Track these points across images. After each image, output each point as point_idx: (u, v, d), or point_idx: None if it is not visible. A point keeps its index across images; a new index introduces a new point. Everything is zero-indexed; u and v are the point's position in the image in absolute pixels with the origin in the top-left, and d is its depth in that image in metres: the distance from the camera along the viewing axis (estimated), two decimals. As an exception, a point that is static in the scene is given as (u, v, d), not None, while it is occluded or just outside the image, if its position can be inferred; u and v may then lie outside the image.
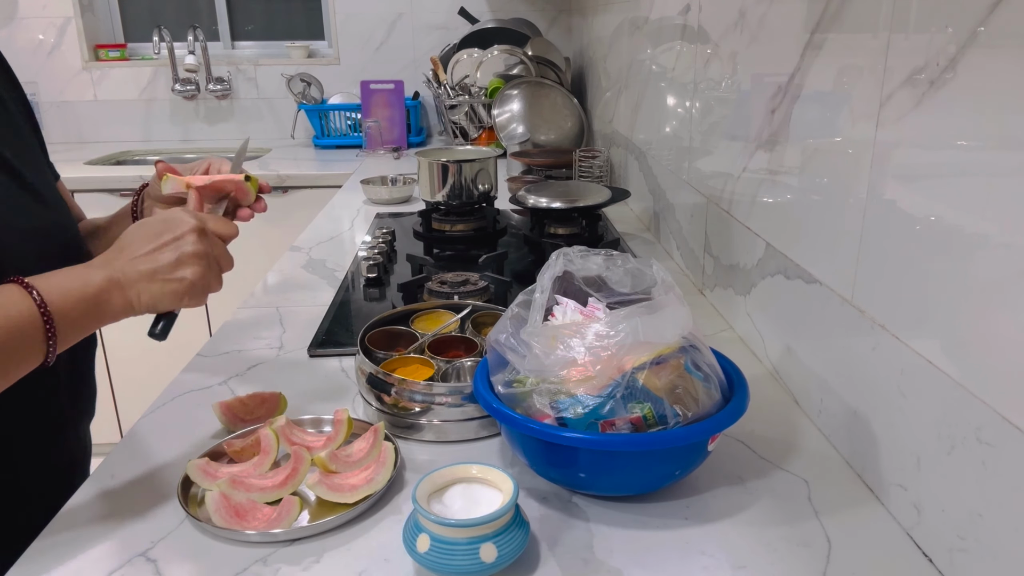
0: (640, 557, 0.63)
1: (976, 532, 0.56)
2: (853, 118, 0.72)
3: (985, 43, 0.54)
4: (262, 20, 3.15)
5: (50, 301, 0.62)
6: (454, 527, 0.58)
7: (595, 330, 0.67)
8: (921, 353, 0.62)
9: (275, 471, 0.73)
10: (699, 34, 1.23)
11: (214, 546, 0.65)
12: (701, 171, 1.23)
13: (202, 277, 0.70)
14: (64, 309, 0.62)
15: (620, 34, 1.93)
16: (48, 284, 0.63)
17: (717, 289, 1.17)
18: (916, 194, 0.63)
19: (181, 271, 0.69)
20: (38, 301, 0.61)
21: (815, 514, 0.68)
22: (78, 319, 0.64)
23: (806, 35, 0.82)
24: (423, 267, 1.31)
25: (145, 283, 0.67)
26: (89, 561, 0.63)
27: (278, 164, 2.59)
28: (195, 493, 0.70)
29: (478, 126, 2.57)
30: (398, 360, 0.87)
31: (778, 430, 0.82)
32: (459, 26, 2.85)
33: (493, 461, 0.77)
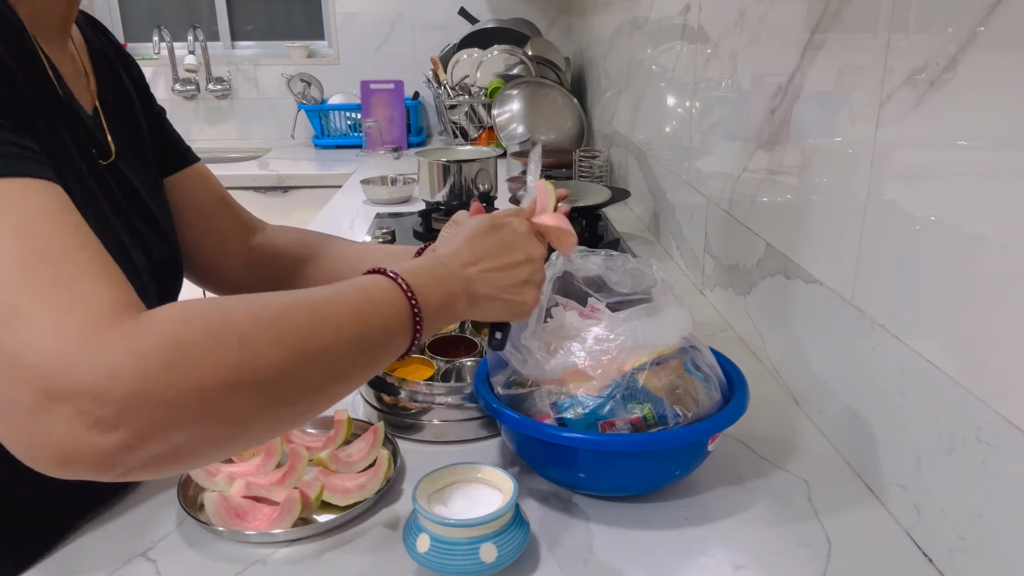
0: (640, 557, 0.63)
1: (976, 532, 0.56)
2: (853, 118, 0.72)
3: (985, 43, 0.54)
4: (262, 20, 3.15)
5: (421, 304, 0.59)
6: (454, 527, 0.58)
7: (595, 334, 0.67)
8: (921, 353, 0.62)
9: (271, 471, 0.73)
10: (699, 34, 1.23)
11: (214, 546, 0.65)
12: (701, 171, 1.23)
13: (536, 302, 0.68)
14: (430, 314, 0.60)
15: (620, 34, 1.93)
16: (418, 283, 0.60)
17: (717, 289, 1.17)
18: (916, 194, 0.63)
19: (524, 294, 0.67)
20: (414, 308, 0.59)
21: (815, 514, 0.68)
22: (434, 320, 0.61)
23: (806, 35, 0.82)
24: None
25: (493, 300, 0.65)
26: (89, 561, 0.63)
27: (278, 164, 2.59)
28: (194, 495, 0.70)
29: (478, 126, 2.57)
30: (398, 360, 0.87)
31: (778, 430, 0.82)
32: (459, 26, 2.85)
33: (493, 461, 0.77)
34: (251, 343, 0.47)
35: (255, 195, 2.45)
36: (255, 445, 0.55)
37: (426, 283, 0.60)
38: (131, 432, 0.42)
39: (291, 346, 0.49)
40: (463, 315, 0.65)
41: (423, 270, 0.62)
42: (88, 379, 0.41)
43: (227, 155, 2.89)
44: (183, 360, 0.44)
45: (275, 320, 0.49)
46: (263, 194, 2.46)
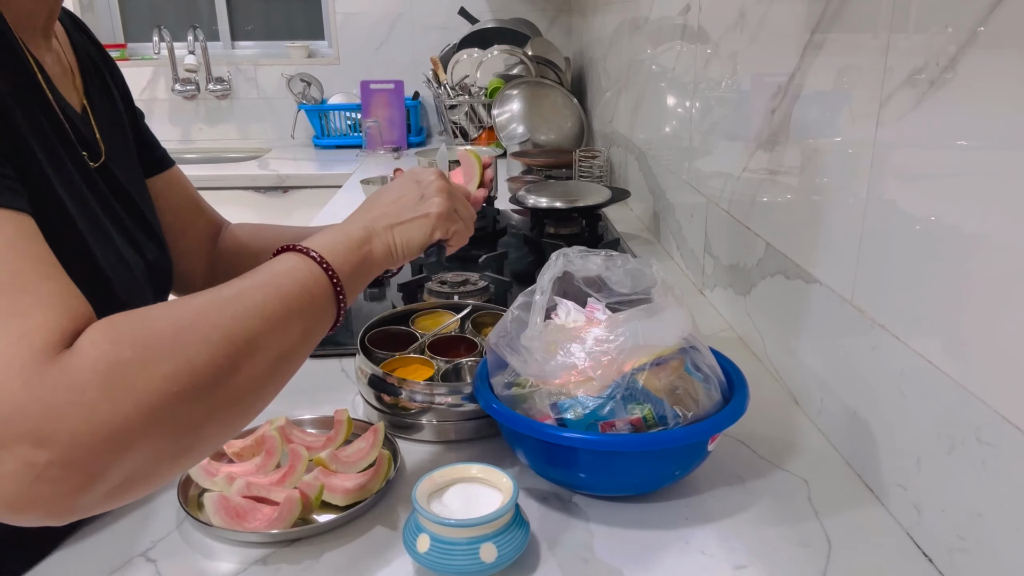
0: (640, 557, 0.63)
1: (976, 532, 0.56)
2: (853, 118, 0.72)
3: (985, 43, 0.54)
4: (262, 20, 3.15)
5: (333, 263, 0.61)
6: (454, 527, 0.58)
7: (595, 335, 0.67)
8: (921, 353, 0.62)
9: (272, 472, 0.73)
10: (699, 34, 1.23)
11: (214, 546, 0.65)
12: (701, 171, 1.23)
13: (447, 208, 0.71)
14: (342, 266, 0.61)
15: (620, 34, 1.93)
16: (319, 245, 0.62)
17: (717, 289, 1.17)
18: (916, 194, 0.63)
19: (425, 206, 0.70)
20: (322, 264, 0.60)
21: (815, 514, 0.68)
22: (353, 273, 0.63)
23: (806, 35, 0.82)
24: (423, 267, 1.31)
25: (396, 225, 0.68)
26: (89, 561, 0.63)
27: (278, 164, 2.59)
28: (194, 495, 0.70)
29: (478, 126, 2.57)
30: (398, 360, 0.87)
31: (778, 430, 0.82)
32: (459, 26, 2.85)
33: (493, 461, 0.77)
34: (182, 349, 0.46)
35: (255, 195, 2.45)
36: (214, 449, 0.54)
37: (328, 242, 0.63)
38: (82, 473, 0.41)
39: (219, 341, 0.49)
40: (380, 255, 0.67)
41: (324, 233, 0.65)
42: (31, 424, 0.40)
43: (227, 155, 2.89)
44: (120, 383, 0.43)
45: (197, 321, 0.49)
46: (263, 194, 2.46)
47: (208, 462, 0.72)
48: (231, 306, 0.52)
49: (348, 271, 0.62)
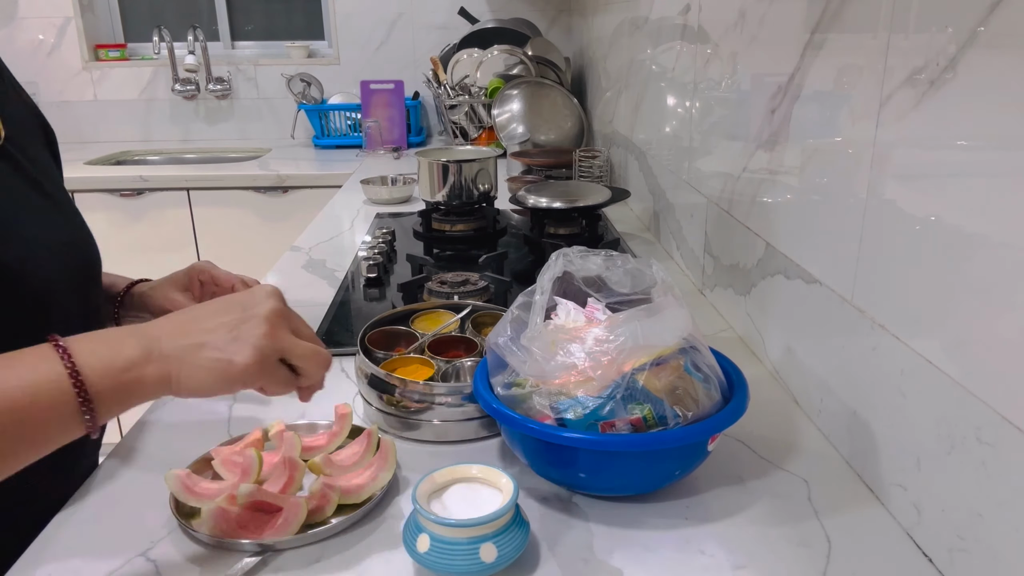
0: (640, 557, 0.63)
1: (976, 532, 0.56)
2: (853, 118, 0.72)
3: (985, 43, 0.54)
4: (262, 20, 3.15)
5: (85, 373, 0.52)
6: (454, 527, 0.58)
7: (595, 335, 0.67)
8: (921, 353, 0.62)
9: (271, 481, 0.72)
10: (699, 34, 1.23)
11: (214, 546, 0.64)
12: (701, 171, 1.23)
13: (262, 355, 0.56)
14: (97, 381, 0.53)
15: (620, 34, 1.93)
16: (82, 347, 0.54)
17: (717, 289, 1.17)
18: (916, 194, 0.63)
19: (235, 347, 0.56)
20: (70, 369, 0.52)
21: (815, 514, 0.68)
22: (112, 393, 0.54)
23: (806, 35, 0.82)
24: (423, 267, 1.31)
25: (189, 351, 0.56)
26: (89, 561, 0.63)
27: (278, 164, 2.59)
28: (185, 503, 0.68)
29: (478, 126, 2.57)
30: (398, 360, 0.87)
31: (778, 430, 0.82)
32: (459, 26, 2.85)
33: (493, 461, 0.77)
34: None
35: (255, 195, 2.45)
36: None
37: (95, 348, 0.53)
38: None
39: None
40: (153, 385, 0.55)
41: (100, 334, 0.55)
42: None
43: (227, 155, 2.89)
44: None
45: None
46: (263, 194, 2.46)
47: (188, 475, 0.69)
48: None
49: (105, 389, 0.53)
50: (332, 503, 0.67)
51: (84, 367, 0.52)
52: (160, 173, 2.49)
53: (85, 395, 0.52)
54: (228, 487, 0.69)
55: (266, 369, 0.57)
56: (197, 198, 2.45)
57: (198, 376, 0.56)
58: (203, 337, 0.56)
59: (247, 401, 0.90)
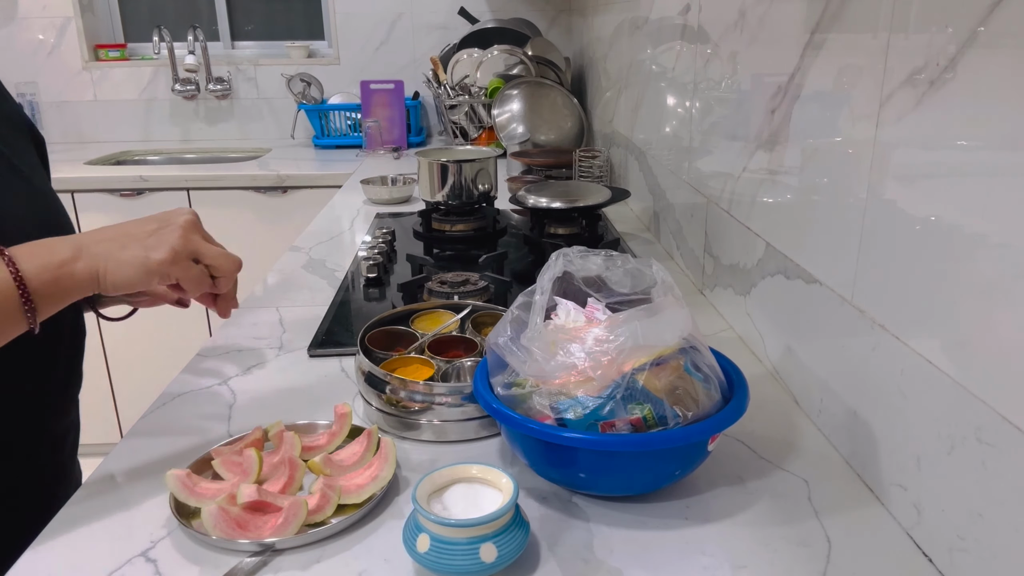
0: (640, 557, 0.63)
1: (976, 532, 0.56)
2: (853, 118, 0.72)
3: (985, 43, 0.54)
4: (262, 20, 3.15)
5: (24, 272, 0.62)
6: (454, 527, 0.58)
7: (595, 335, 0.67)
8: (921, 353, 0.62)
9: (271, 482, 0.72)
10: (699, 34, 1.23)
11: (214, 546, 0.64)
12: (701, 171, 1.23)
13: (176, 250, 0.66)
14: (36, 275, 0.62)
15: (620, 34, 1.93)
16: (22, 252, 0.63)
17: (717, 289, 1.17)
18: (916, 194, 0.63)
19: (152, 242, 0.66)
20: (13, 273, 0.61)
21: (815, 514, 0.68)
22: (47, 286, 0.63)
23: (806, 35, 0.82)
24: (423, 267, 1.31)
25: (114, 249, 0.65)
26: (89, 561, 0.63)
27: (278, 164, 2.59)
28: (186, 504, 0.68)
29: (478, 126, 2.57)
30: (398, 360, 0.87)
31: (778, 430, 0.82)
32: (459, 26, 2.85)
33: (493, 461, 0.77)
34: None
35: (255, 195, 2.45)
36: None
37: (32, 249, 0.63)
38: None
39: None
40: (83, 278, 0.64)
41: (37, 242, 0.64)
42: None
43: (227, 155, 2.89)
44: None
45: None
46: (263, 194, 2.46)
47: (188, 475, 0.70)
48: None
49: (41, 284, 0.62)
50: (332, 503, 0.67)
51: (25, 268, 0.62)
52: (160, 173, 2.49)
53: (25, 291, 0.61)
54: (228, 487, 0.69)
55: (180, 264, 0.67)
56: (197, 198, 2.45)
57: (122, 271, 0.65)
58: (126, 239, 0.66)
59: (247, 401, 0.90)
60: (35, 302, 0.62)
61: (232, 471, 0.73)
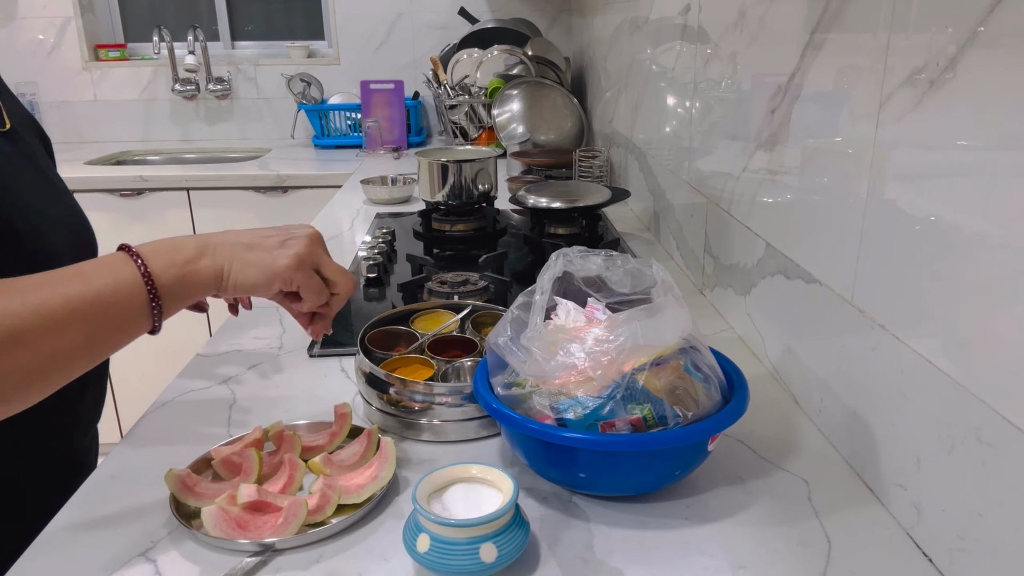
0: (640, 557, 0.63)
1: (976, 532, 0.56)
2: (853, 118, 0.72)
3: (985, 43, 0.54)
4: (262, 20, 3.15)
5: (153, 269, 0.61)
6: (454, 527, 0.58)
7: (595, 335, 0.67)
8: (921, 353, 0.62)
9: (271, 481, 0.72)
10: (699, 34, 1.23)
11: (214, 546, 0.64)
12: (701, 171, 1.23)
13: (299, 261, 0.67)
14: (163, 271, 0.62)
15: (620, 34, 1.93)
16: (148, 250, 0.63)
17: (717, 289, 1.17)
18: (916, 194, 0.63)
19: (277, 253, 0.67)
20: (142, 270, 0.60)
21: (815, 514, 0.68)
22: (175, 283, 0.62)
23: (806, 35, 0.82)
24: (423, 267, 1.31)
25: (240, 251, 0.66)
26: (89, 561, 0.63)
27: (278, 164, 2.59)
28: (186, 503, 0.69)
29: (478, 126, 2.57)
30: (398, 360, 0.87)
31: (778, 430, 0.82)
32: (459, 26, 2.85)
33: (493, 461, 0.77)
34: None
35: (255, 195, 2.45)
36: None
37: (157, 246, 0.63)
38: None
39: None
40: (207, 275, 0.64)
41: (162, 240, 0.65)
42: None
43: (227, 155, 2.89)
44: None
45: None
46: (263, 194, 2.46)
47: (188, 475, 0.70)
48: (14, 297, 0.54)
49: (168, 280, 0.62)
50: (332, 503, 0.67)
51: (153, 265, 0.61)
52: (160, 173, 2.49)
53: (153, 288, 0.61)
54: (228, 487, 0.69)
55: (303, 272, 0.68)
56: (197, 198, 2.45)
57: (247, 272, 0.66)
58: (252, 243, 0.67)
59: (247, 401, 0.90)
60: (162, 300, 0.61)
61: (232, 471, 0.73)
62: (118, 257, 0.61)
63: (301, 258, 0.68)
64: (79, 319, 0.57)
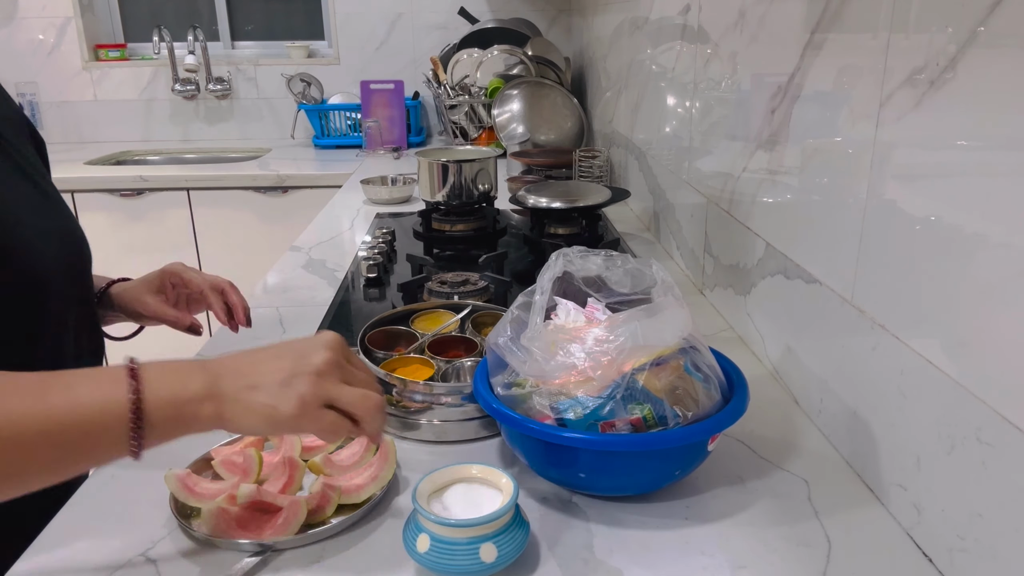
0: (640, 557, 0.63)
1: (976, 532, 0.56)
2: (853, 118, 0.72)
3: (985, 43, 0.54)
4: (262, 20, 3.15)
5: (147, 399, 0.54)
6: (454, 527, 0.58)
7: (595, 335, 0.67)
8: (921, 353, 0.62)
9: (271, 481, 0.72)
10: (699, 34, 1.23)
11: (214, 546, 0.64)
12: (701, 171, 1.23)
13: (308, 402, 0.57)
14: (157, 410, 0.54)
15: (620, 34, 1.93)
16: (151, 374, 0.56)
17: (717, 289, 1.17)
18: (916, 194, 0.63)
19: (284, 392, 0.57)
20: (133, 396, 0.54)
21: (815, 514, 0.68)
22: (167, 422, 0.55)
23: (806, 35, 0.82)
24: (423, 267, 1.31)
25: (243, 391, 0.57)
26: (89, 561, 0.63)
27: (278, 164, 2.59)
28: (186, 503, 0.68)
29: (478, 126, 2.57)
30: (398, 360, 0.87)
31: (778, 430, 0.82)
32: (459, 26, 2.85)
33: (493, 461, 0.77)
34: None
35: (255, 195, 2.45)
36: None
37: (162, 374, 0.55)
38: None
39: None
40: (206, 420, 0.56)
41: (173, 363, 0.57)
42: None
43: (227, 155, 2.89)
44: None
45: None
46: (263, 194, 2.46)
47: (188, 475, 0.70)
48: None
49: (160, 417, 0.55)
50: (332, 503, 0.67)
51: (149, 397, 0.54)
52: (160, 173, 2.49)
53: (139, 422, 0.54)
54: (228, 487, 0.69)
55: (309, 416, 0.58)
56: (197, 198, 2.45)
57: (247, 418, 0.57)
58: (257, 380, 0.58)
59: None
60: (145, 435, 0.54)
61: (232, 471, 0.73)
62: (116, 373, 0.55)
63: (306, 401, 0.57)
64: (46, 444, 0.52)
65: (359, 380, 0.62)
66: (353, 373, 0.62)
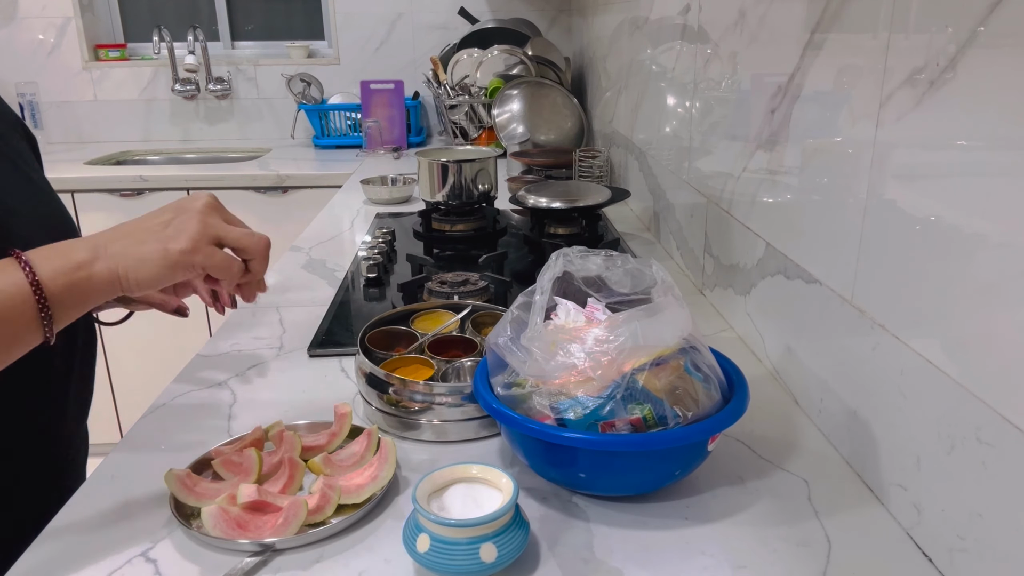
0: (640, 557, 0.63)
1: (976, 532, 0.56)
2: (853, 118, 0.72)
3: (985, 43, 0.54)
4: (262, 20, 3.15)
5: (41, 276, 0.58)
6: (454, 527, 0.58)
7: (595, 335, 0.67)
8: (921, 353, 0.62)
9: (271, 481, 0.72)
10: (699, 34, 1.23)
11: (214, 546, 0.64)
12: (701, 171, 1.23)
13: (196, 238, 0.61)
14: (52, 280, 0.58)
15: (620, 34, 1.93)
16: (36, 256, 0.59)
17: (717, 289, 1.17)
18: (916, 194, 0.63)
19: (169, 232, 0.61)
20: (30, 278, 0.57)
21: (815, 514, 0.68)
22: (65, 292, 0.59)
23: (806, 35, 0.82)
24: (423, 267, 1.31)
25: (131, 246, 0.61)
26: (89, 561, 0.63)
27: (278, 164, 2.59)
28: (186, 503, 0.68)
29: (478, 126, 2.57)
30: (398, 360, 0.87)
31: (778, 430, 0.82)
32: (459, 26, 2.85)
33: (493, 461, 0.77)
34: None
35: (255, 195, 2.45)
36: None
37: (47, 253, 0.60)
38: None
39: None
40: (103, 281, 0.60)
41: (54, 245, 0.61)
42: None
43: (227, 155, 2.89)
44: None
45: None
46: (263, 194, 2.46)
47: (188, 475, 0.70)
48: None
49: (58, 288, 0.58)
50: (332, 503, 0.67)
51: (41, 273, 0.58)
52: (160, 173, 2.49)
53: (43, 299, 0.58)
54: (228, 487, 0.69)
55: (202, 250, 0.62)
56: (197, 198, 2.45)
57: (143, 268, 0.61)
58: (143, 234, 0.62)
59: (247, 401, 0.90)
60: (52, 309, 0.58)
61: (232, 471, 0.73)
62: (5, 264, 0.58)
63: (195, 237, 0.62)
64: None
65: (241, 226, 0.67)
66: (234, 220, 0.67)
